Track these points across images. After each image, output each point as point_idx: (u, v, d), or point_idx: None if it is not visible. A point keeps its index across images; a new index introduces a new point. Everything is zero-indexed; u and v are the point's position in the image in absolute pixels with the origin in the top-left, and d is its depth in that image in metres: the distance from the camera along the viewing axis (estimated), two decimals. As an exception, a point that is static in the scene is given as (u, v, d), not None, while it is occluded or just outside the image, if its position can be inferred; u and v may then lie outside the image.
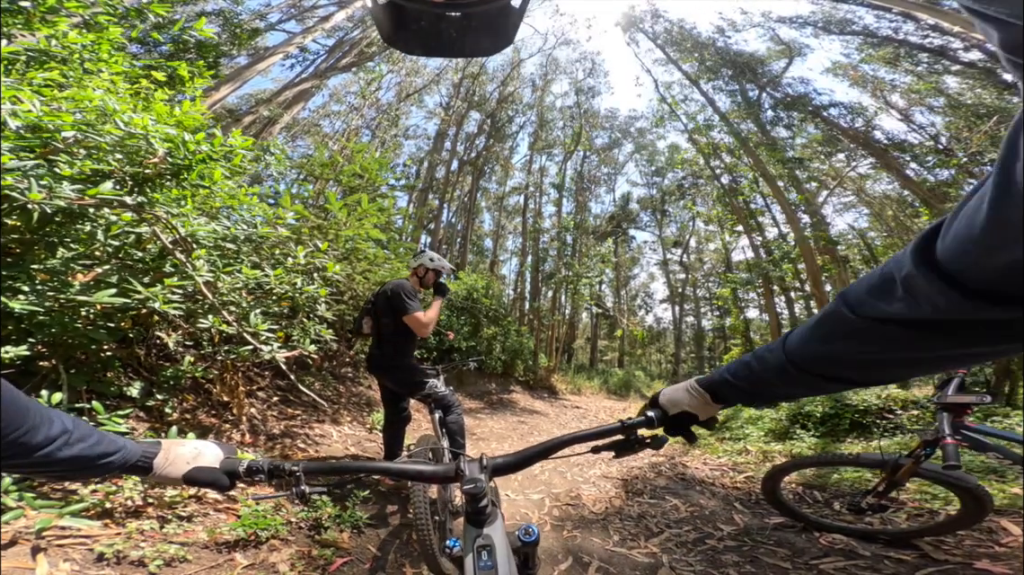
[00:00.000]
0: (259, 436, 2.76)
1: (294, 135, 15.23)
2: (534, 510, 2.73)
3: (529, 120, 19.79)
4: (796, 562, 1.90)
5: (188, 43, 4.69)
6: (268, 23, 10.81)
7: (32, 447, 0.44)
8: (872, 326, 0.37)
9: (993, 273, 0.27)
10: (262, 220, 2.70)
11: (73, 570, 1.37)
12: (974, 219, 0.27)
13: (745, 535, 2.24)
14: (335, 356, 4.80)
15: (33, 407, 0.45)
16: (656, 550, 2.14)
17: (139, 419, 2.18)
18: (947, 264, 0.29)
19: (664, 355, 27.90)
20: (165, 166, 2.17)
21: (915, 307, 0.32)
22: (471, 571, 0.60)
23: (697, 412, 0.67)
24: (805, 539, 2.11)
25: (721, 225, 17.36)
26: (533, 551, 0.77)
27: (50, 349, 1.87)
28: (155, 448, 0.60)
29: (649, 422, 0.71)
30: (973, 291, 0.28)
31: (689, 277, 24.52)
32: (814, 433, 4.03)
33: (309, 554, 1.82)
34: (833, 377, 0.46)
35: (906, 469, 1.74)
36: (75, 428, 0.49)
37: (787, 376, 0.49)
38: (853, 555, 1.90)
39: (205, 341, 2.39)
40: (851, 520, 2.16)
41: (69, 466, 0.49)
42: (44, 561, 1.35)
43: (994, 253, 0.26)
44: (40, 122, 1.76)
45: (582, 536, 2.33)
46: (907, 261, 0.32)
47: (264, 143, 4.96)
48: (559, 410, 8.57)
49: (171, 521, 1.73)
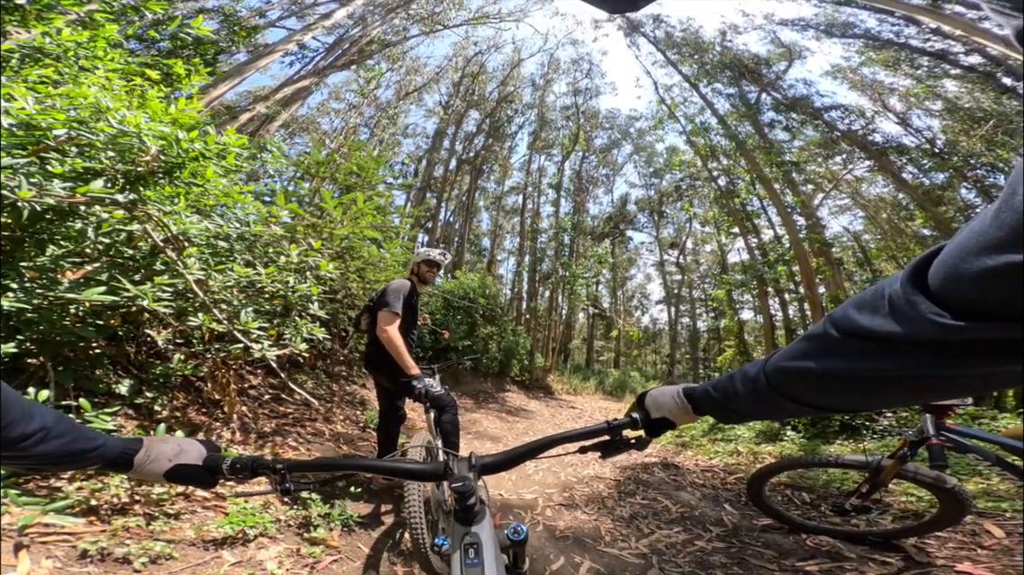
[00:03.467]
0: (250, 434, 2.75)
1: (292, 132, 15.18)
2: (527, 509, 2.74)
3: (528, 120, 19.80)
4: (783, 563, 1.92)
5: (186, 40, 4.67)
6: (268, 20, 10.76)
7: (9, 441, 0.45)
8: (850, 341, 0.36)
9: (984, 291, 0.26)
10: (256, 218, 2.70)
11: (55, 567, 1.36)
12: (969, 240, 0.27)
13: (734, 536, 2.26)
14: (328, 355, 4.79)
15: (15, 401, 0.46)
16: (646, 551, 2.16)
17: (128, 417, 2.17)
18: (937, 285, 0.29)
19: (659, 356, 27.97)
20: (158, 164, 2.16)
21: (897, 324, 0.32)
22: (458, 569, 0.61)
23: (676, 420, 0.69)
24: (792, 541, 2.13)
25: (717, 227, 17.43)
26: (522, 550, 0.78)
27: (38, 346, 1.85)
28: (136, 445, 0.60)
29: (634, 423, 0.72)
30: (961, 311, 0.28)
31: (685, 278, 24.59)
32: (803, 435, 4.06)
33: (298, 552, 1.82)
34: (804, 401, 0.45)
35: (889, 470, 1.76)
36: (55, 424, 0.49)
37: (759, 394, 0.49)
38: (839, 557, 1.92)
39: (196, 339, 2.38)
40: (837, 522, 2.17)
41: (48, 459, 0.49)
42: (26, 558, 1.34)
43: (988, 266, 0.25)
44: (33, 120, 1.76)
45: (574, 535, 2.34)
46: (898, 279, 0.32)
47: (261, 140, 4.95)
48: (554, 410, 8.58)
49: (158, 518, 1.72)
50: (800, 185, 12.25)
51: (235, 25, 7.56)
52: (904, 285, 0.31)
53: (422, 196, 17.43)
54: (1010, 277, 0.24)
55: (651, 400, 0.72)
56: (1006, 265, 0.24)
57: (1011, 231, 0.24)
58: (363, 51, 12.23)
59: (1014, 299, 0.25)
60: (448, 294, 8.58)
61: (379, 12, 12.57)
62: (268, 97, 9.49)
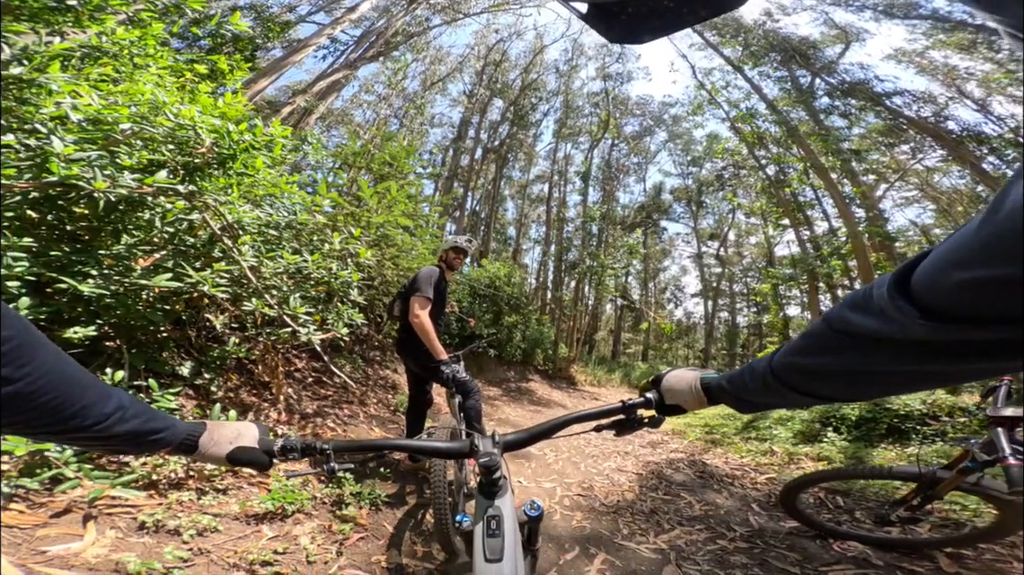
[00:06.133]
0: (294, 415, 2.93)
1: (328, 125, 15.65)
2: (545, 498, 2.81)
3: (554, 107, 19.43)
4: (806, 568, 1.90)
5: (225, 37, 4.89)
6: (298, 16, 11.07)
7: (91, 421, 0.48)
8: (842, 338, 0.39)
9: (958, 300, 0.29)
10: (301, 207, 2.84)
11: (117, 538, 1.47)
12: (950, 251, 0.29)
13: (758, 538, 2.23)
14: (365, 340, 5.02)
15: (92, 383, 0.49)
16: (665, 546, 2.17)
17: (187, 397, 2.32)
18: (918, 291, 0.32)
19: (692, 351, 27.24)
20: (212, 155, 2.31)
21: (882, 324, 0.34)
22: (480, 539, 0.64)
23: (689, 408, 0.71)
24: (819, 545, 2.09)
25: (765, 218, 16.56)
26: (536, 526, 0.82)
27: (115, 330, 2.02)
28: (199, 429, 0.63)
29: (648, 403, 0.74)
30: (936, 315, 0.30)
31: (725, 271, 23.68)
32: (846, 437, 3.85)
33: (329, 528, 1.92)
34: (806, 392, 0.48)
35: (948, 483, 1.63)
36: (130, 405, 0.53)
37: (766, 386, 0.52)
38: (866, 564, 1.87)
39: (249, 323, 2.56)
40: (871, 529, 2.11)
41: (124, 440, 0.52)
42: (93, 528, 1.45)
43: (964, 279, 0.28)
44: (100, 115, 1.90)
45: (591, 527, 2.38)
46: (885, 281, 0.35)
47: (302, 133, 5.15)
48: (577, 401, 8.61)
49: (208, 493, 1.83)
50: (861, 175, 11.44)
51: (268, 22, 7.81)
52: (889, 288, 0.34)
53: (449, 185, 17.60)
54: (982, 289, 0.27)
55: (667, 386, 0.73)
56: (977, 279, 0.27)
57: (984, 248, 0.26)
58: (389, 43, 12.34)
59: (985, 308, 0.28)
60: (475, 282, 8.71)
61: (402, 2, 12.61)
62: (306, 91, 9.81)
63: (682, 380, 0.71)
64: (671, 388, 0.72)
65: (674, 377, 0.73)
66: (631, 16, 0.38)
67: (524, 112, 18.65)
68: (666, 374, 0.75)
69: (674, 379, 0.73)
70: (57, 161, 1.64)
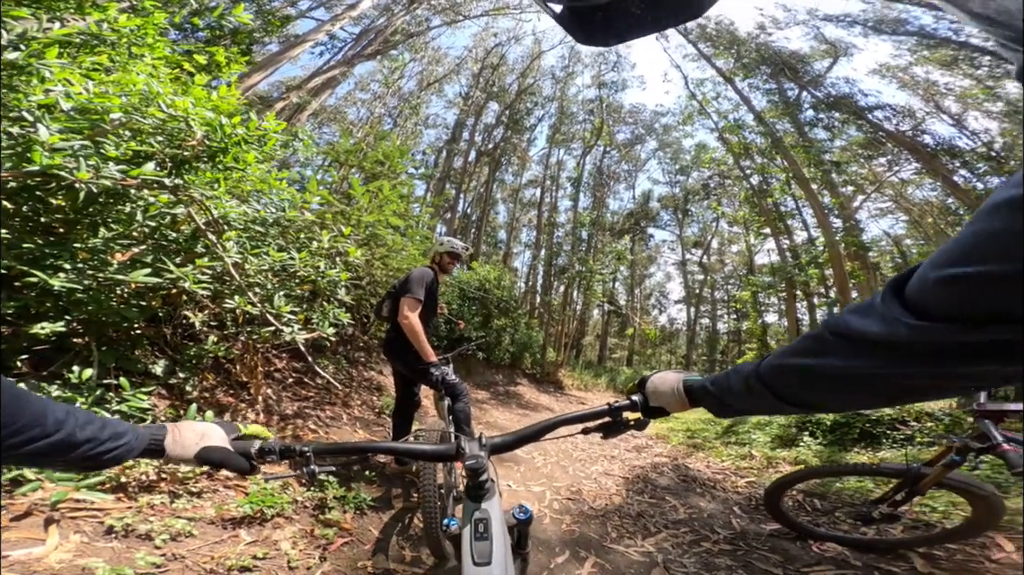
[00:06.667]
0: (273, 416, 2.86)
1: (321, 122, 15.48)
2: (535, 501, 2.81)
3: (548, 113, 19.59)
4: (788, 569, 1.93)
5: (224, 29, 4.80)
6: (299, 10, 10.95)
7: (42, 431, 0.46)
8: (840, 342, 0.39)
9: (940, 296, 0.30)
10: (290, 204, 2.79)
11: (82, 542, 1.39)
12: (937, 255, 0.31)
13: (741, 539, 2.27)
14: (350, 340, 4.94)
15: (33, 398, 0.46)
16: (652, 549, 2.19)
17: (160, 396, 2.23)
18: (910, 294, 0.33)
19: (675, 356, 27.61)
20: (202, 148, 2.26)
21: (877, 326, 0.35)
22: (468, 543, 0.63)
23: (671, 410, 0.72)
24: (799, 547, 2.13)
25: (747, 227, 16.95)
26: (526, 530, 0.81)
27: (84, 326, 1.93)
28: (161, 431, 0.62)
29: (633, 406, 0.75)
30: (924, 315, 0.31)
31: (708, 278, 24.08)
32: (821, 441, 3.98)
33: (311, 533, 1.86)
34: (791, 397, 0.47)
35: (932, 477, 1.70)
36: (81, 413, 0.51)
37: (749, 389, 0.52)
38: (845, 564, 1.92)
39: (229, 321, 2.49)
40: (848, 530, 2.16)
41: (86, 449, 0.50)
42: (55, 532, 1.37)
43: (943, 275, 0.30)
44: (90, 104, 1.84)
45: (580, 530, 2.39)
46: (884, 288, 0.36)
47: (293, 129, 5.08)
48: (564, 405, 8.62)
49: (181, 496, 1.76)
50: (840, 186, 11.79)
51: (268, 15, 7.72)
52: (885, 291, 0.36)
53: (441, 186, 17.56)
54: (961, 286, 0.29)
55: (651, 387, 0.74)
56: (955, 275, 0.29)
57: (961, 248, 0.29)
58: (388, 41, 12.31)
59: (968, 306, 0.29)
60: (464, 285, 8.68)
61: (403, 1, 12.60)
62: (300, 87, 9.69)
63: (665, 382, 0.72)
64: (655, 390, 0.73)
65: (658, 379, 0.74)
66: (600, 19, 0.40)
67: (519, 116, 18.74)
68: (651, 376, 0.76)
69: (658, 381, 0.73)
70: (41, 150, 1.58)
